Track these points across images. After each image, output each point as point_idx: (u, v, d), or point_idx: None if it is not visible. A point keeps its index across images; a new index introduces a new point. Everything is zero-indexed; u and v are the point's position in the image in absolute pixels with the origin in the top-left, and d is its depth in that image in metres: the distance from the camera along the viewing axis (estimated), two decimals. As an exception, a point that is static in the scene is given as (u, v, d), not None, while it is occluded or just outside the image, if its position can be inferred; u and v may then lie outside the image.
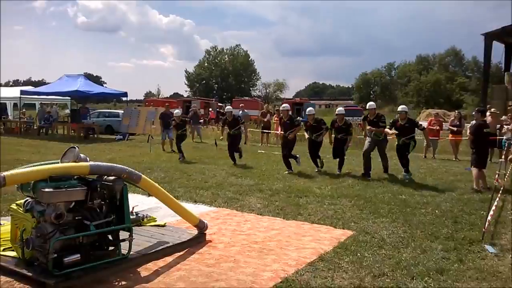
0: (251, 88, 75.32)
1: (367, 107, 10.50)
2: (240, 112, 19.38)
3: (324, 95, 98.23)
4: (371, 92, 73.01)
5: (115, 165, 4.30)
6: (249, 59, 75.56)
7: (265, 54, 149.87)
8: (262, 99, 56.59)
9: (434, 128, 15.21)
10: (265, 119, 19.61)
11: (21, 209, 4.01)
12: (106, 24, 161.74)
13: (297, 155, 10.72)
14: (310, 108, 11.00)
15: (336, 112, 10.78)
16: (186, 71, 76.73)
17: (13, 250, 4.17)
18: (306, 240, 5.18)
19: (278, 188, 8.39)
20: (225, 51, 76.60)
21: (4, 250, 4.25)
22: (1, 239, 4.39)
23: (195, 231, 5.17)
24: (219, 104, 40.23)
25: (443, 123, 17.54)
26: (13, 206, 4.22)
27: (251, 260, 4.48)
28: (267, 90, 77.41)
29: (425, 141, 13.90)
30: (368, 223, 5.96)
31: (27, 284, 3.70)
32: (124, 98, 23.93)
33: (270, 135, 19.25)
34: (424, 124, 13.38)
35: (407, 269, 4.26)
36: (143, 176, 4.55)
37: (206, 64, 75.49)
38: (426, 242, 5.18)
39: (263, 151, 15.82)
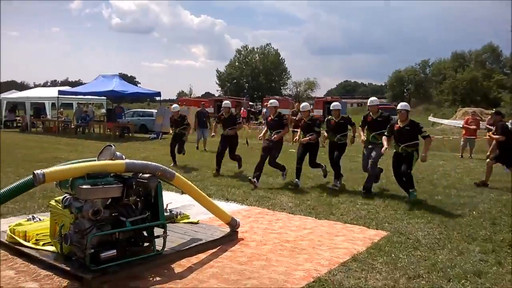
0: (281, 87, 75.09)
1: (368, 103, 8.44)
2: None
3: (356, 93, 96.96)
4: (405, 90, 71.48)
5: (149, 163, 4.38)
6: (280, 57, 75.36)
7: (295, 52, 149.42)
8: (292, 98, 56.34)
9: (471, 127, 14.73)
10: (296, 118, 19.52)
11: (60, 205, 4.14)
12: (139, 25, 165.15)
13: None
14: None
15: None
16: (217, 71, 77.25)
17: (52, 245, 4.31)
18: (338, 240, 5.12)
19: (310, 187, 8.32)
20: (255, 50, 76.68)
21: (43, 245, 4.40)
22: (41, 234, 4.55)
23: (227, 229, 5.20)
24: (250, 103, 40.37)
25: (480, 122, 16.96)
26: (52, 202, 4.36)
27: (283, 259, 4.47)
28: (298, 89, 77.15)
29: (461, 141, 13.33)
30: (402, 224, 5.84)
31: (65, 278, 3.81)
32: (157, 98, 24.33)
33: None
34: (460, 123, 12.83)
35: (443, 271, 4.15)
36: (176, 174, 4.61)
37: (237, 64, 75.78)
38: (463, 244, 5.03)
39: (293, 150, 15.73)
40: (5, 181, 5.48)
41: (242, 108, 35.94)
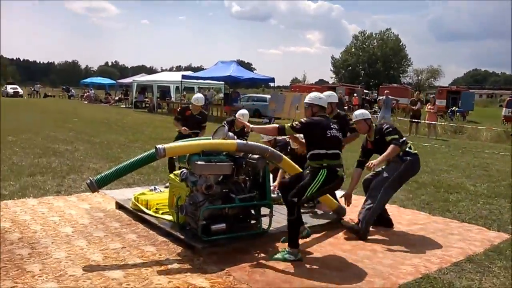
0: (400, 75, 71.26)
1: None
2: (384, 97, 18.42)
3: (487, 83, 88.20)
4: (546, 81, 63.15)
5: (259, 144, 4.51)
6: (400, 43, 71.44)
7: (418, 38, 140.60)
8: (412, 87, 53.22)
9: None
10: (415, 108, 18.42)
11: (178, 179, 4.48)
12: (258, 12, 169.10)
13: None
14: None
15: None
16: (332, 57, 76.05)
17: (169, 215, 4.70)
18: (453, 239, 4.77)
19: (426, 181, 7.85)
20: (374, 35, 73.69)
21: (162, 213, 4.81)
22: (161, 204, 4.98)
23: (333, 216, 5.16)
24: (365, 91, 39.12)
25: None
26: (171, 176, 4.75)
27: (390, 252, 4.31)
28: (419, 77, 72.47)
29: None
30: (530, 228, 5.24)
31: (179, 246, 4.15)
32: (271, 84, 24.79)
33: (420, 125, 18.03)
34: None
35: None
36: (284, 157, 4.68)
37: (353, 50, 73.63)
38: None
39: (410, 142, 14.95)
40: (134, 155, 6.07)
41: (355, 95, 34.96)
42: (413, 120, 17.99)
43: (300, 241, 4.30)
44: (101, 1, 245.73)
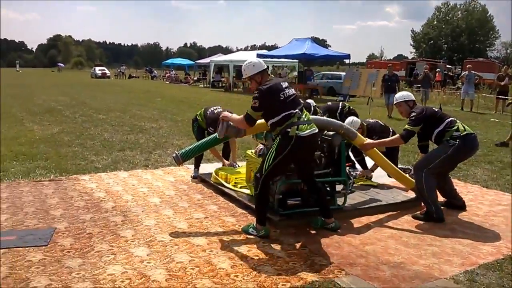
0: (487, 48, 65.91)
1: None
2: (466, 72, 17.29)
3: None
4: None
5: (333, 120, 4.56)
6: (487, 14, 65.85)
7: (507, 8, 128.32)
8: (500, 61, 49.16)
9: None
10: (502, 83, 17.11)
11: (255, 155, 4.68)
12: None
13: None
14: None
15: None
16: (412, 31, 71.89)
17: (247, 189, 4.93)
18: (541, 221, 4.52)
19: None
20: (458, 7, 68.48)
21: (240, 187, 5.06)
22: (239, 178, 5.23)
23: (411, 195, 5.09)
24: (447, 66, 36.84)
25: None
26: (249, 152, 4.95)
27: (470, 231, 4.20)
28: (508, 51, 66.65)
29: None
30: None
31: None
32: (346, 61, 24.31)
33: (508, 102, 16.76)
34: None
35: None
36: (359, 134, 4.69)
37: (435, 23, 69.09)
38: None
39: (496, 120, 14.01)
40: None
41: (438, 70, 33.06)
42: (500, 96, 16.76)
43: (373, 218, 4.34)
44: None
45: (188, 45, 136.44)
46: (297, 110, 3.79)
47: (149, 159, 6.96)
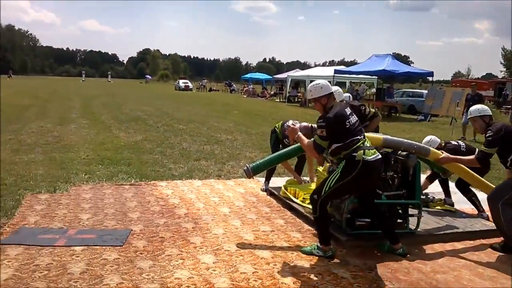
0: None
1: None
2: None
3: None
4: None
5: (405, 140, 4.40)
6: None
7: None
8: None
9: None
10: None
11: (325, 172, 4.65)
12: (418, 2, 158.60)
13: None
14: None
15: None
16: (503, 49, 67.20)
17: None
18: None
19: None
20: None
21: (308, 203, 5.03)
22: (307, 194, 5.20)
23: (491, 223, 4.73)
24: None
25: None
26: (319, 168, 4.93)
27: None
28: None
29: None
30: None
31: (324, 235, 4.31)
32: (429, 78, 23.20)
33: None
34: None
35: None
36: (432, 149, 4.50)
37: (531, 40, 63.97)
38: None
39: None
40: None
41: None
42: None
43: (448, 245, 4.11)
44: (262, 0, 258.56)
45: (267, 60, 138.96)
46: (362, 137, 3.74)
47: (222, 170, 7.17)
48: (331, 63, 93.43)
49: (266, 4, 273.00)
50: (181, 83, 48.56)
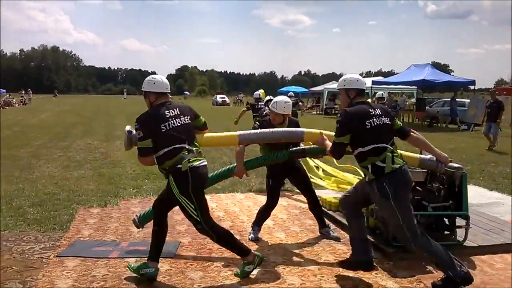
0: None
1: None
2: None
3: None
4: None
5: (266, 130, 4.44)
6: None
7: None
8: None
9: None
10: None
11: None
12: (456, 10, 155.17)
13: None
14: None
15: None
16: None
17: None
18: None
19: None
20: None
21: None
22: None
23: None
24: None
25: None
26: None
27: None
28: None
29: None
30: None
31: (369, 248, 4.30)
32: (471, 87, 22.68)
33: None
34: None
35: None
36: (306, 130, 4.45)
37: None
38: None
39: None
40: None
41: None
42: None
43: (497, 257, 4.00)
44: (297, 14, 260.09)
45: (302, 73, 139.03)
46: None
47: (263, 183, 7.23)
48: (368, 74, 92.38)
49: (301, 18, 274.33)
50: (219, 98, 49.40)
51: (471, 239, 4.33)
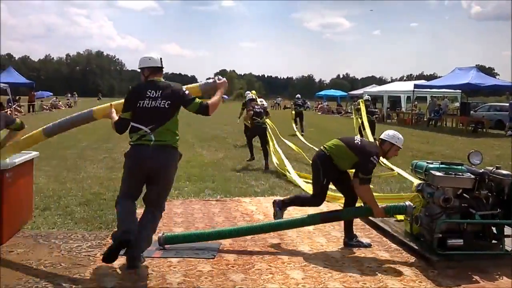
0: None
1: None
2: None
3: None
4: None
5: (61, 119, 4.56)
6: None
7: None
8: None
9: None
10: None
11: (413, 189, 4.56)
12: (501, 11, 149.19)
13: None
14: None
15: None
16: None
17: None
18: None
19: None
20: None
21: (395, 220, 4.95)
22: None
23: None
24: None
25: None
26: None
27: None
28: None
29: None
30: None
31: (412, 255, 4.21)
32: (519, 91, 21.76)
33: None
34: None
35: None
36: (94, 108, 4.64)
37: None
38: None
39: None
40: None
41: None
42: None
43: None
44: (336, 17, 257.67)
45: (341, 76, 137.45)
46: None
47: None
48: (409, 78, 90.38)
49: (340, 21, 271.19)
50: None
51: (521, 249, 4.16)
